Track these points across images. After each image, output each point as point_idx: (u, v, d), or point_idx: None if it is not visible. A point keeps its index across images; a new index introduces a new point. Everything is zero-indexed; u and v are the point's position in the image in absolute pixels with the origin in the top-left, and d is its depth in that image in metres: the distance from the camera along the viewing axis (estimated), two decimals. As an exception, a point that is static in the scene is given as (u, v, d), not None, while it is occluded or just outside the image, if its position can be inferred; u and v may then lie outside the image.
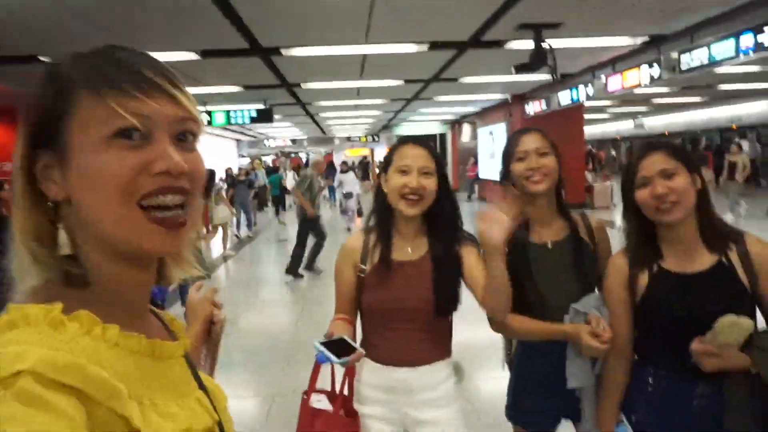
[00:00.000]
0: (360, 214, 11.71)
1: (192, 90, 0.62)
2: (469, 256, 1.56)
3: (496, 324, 1.62)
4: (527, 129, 1.72)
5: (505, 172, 1.70)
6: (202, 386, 0.67)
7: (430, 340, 1.58)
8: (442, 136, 20.75)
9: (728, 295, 1.29)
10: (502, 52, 6.90)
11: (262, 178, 16.12)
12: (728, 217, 8.84)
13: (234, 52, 6.39)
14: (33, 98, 0.56)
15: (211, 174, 10.83)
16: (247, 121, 10.65)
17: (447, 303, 1.55)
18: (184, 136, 0.59)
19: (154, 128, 0.56)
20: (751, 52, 5.61)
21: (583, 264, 1.64)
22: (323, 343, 1.33)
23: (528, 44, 6.13)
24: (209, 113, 10.56)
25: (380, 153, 24.67)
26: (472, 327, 1.94)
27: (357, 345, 1.38)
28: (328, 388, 1.56)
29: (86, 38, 5.19)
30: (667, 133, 22.24)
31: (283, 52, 6.50)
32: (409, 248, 1.59)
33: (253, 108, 10.62)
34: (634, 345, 1.46)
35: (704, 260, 1.36)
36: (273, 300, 6.42)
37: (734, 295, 1.29)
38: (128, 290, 0.60)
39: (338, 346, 1.34)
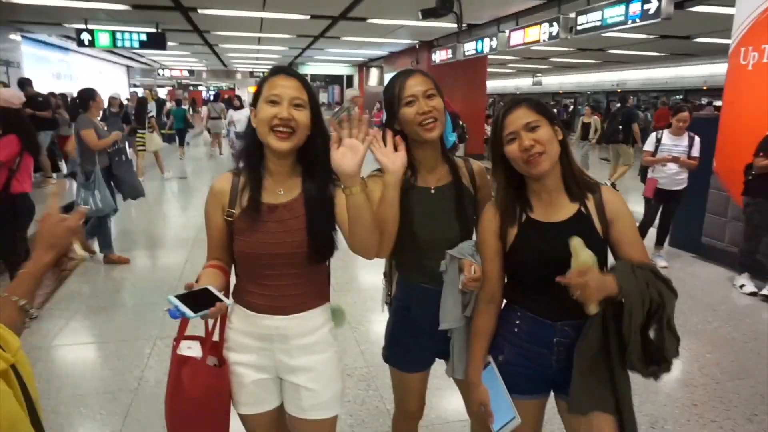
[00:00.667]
0: None
1: (70, 3, 0.54)
2: (340, 196, 1.48)
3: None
4: (410, 70, 1.64)
5: (391, 118, 1.63)
6: None
7: (305, 287, 1.52)
8: (349, 78, 20.37)
9: (585, 240, 1.40)
10: (411, -6, 6.78)
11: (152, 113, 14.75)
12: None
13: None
14: None
15: (142, 102, 9.80)
16: (136, 45, 9.73)
17: (322, 248, 1.48)
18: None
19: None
20: (637, 19, 5.99)
21: (463, 209, 1.66)
22: (181, 296, 1.23)
23: (436, -11, 6.06)
24: (91, 32, 9.50)
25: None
26: (362, 266, 1.94)
27: (221, 296, 1.29)
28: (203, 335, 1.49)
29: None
30: (561, 92, 23.54)
31: (176, -31, 5.91)
32: (281, 189, 1.49)
33: (143, 31, 9.68)
34: (504, 290, 1.55)
35: (567, 210, 1.45)
36: (166, 239, 6.10)
37: (591, 241, 1.39)
38: None
39: (200, 298, 1.25)
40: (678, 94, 18.94)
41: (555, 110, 19.03)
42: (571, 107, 24.17)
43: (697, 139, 4.89)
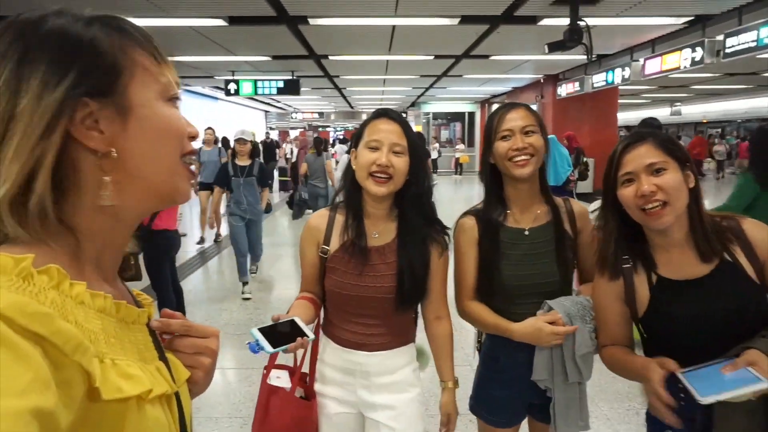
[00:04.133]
0: None
1: (221, 58, 0.64)
2: (434, 256, 1.50)
3: (459, 309, 1.60)
4: (513, 104, 1.57)
5: (486, 152, 1.56)
6: (163, 357, 0.65)
7: (390, 327, 1.50)
8: (471, 114, 20.40)
9: (739, 294, 1.19)
10: (535, 28, 6.66)
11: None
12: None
13: (261, 20, 6.30)
14: (89, 45, 0.56)
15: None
16: (274, 91, 10.60)
17: (410, 296, 1.47)
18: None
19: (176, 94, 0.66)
20: (803, 37, 5.30)
21: (563, 253, 1.53)
22: (266, 328, 1.23)
23: (563, 21, 5.88)
24: (237, 82, 10.55)
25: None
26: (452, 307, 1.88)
27: (307, 329, 1.28)
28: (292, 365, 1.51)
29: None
30: (705, 121, 21.46)
31: (311, 21, 6.39)
32: (376, 232, 1.49)
33: (280, 79, 10.56)
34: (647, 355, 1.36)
35: (705, 263, 1.23)
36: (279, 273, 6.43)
37: (746, 292, 1.18)
38: (110, 250, 0.62)
39: (283, 331, 1.25)
40: None
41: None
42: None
43: None
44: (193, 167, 0.67)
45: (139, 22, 0.62)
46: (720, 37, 6.31)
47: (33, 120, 0.52)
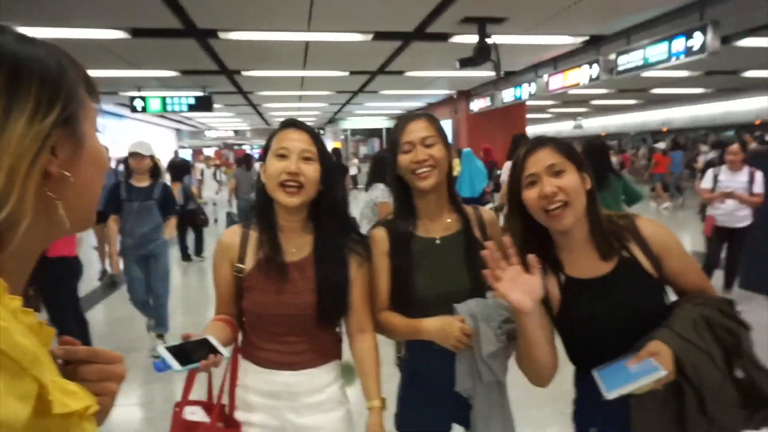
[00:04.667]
0: None
1: (125, 73, 0.56)
2: (354, 267, 1.46)
3: (375, 323, 1.55)
4: (413, 115, 1.57)
5: (392, 164, 1.55)
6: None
7: (314, 344, 1.45)
8: (389, 130, 20.74)
9: (639, 289, 1.24)
10: (447, 45, 6.87)
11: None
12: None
13: (167, 32, 6.02)
14: (63, 79, 0.59)
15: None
16: (185, 108, 10.17)
17: (332, 311, 1.42)
18: None
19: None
20: (682, 56, 5.82)
21: (473, 261, 1.52)
22: (174, 347, 1.14)
23: (472, 39, 6.11)
24: (143, 99, 10.03)
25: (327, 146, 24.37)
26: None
27: (221, 347, 1.20)
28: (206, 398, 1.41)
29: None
30: (604, 134, 23.16)
31: (221, 35, 6.19)
32: (294, 248, 1.44)
33: (191, 95, 10.16)
34: (573, 359, 1.38)
35: (606, 261, 1.28)
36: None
37: (645, 288, 1.24)
38: (29, 266, 0.62)
39: (193, 350, 1.16)
40: (728, 130, 18.30)
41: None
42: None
43: (758, 174, 4.63)
44: None
45: (29, 31, 0.60)
46: (612, 56, 6.82)
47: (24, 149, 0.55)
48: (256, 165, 11.38)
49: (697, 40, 5.58)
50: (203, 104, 10.22)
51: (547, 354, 1.25)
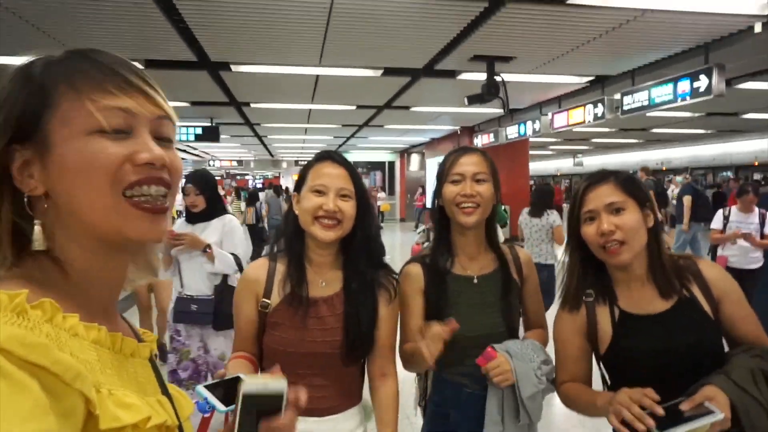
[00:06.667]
0: None
1: None
2: (382, 305, 1.41)
3: (403, 360, 1.52)
4: (468, 148, 1.54)
5: (436, 194, 1.53)
6: (166, 393, 0.67)
7: (339, 391, 1.39)
8: (391, 164, 20.87)
9: (697, 328, 1.22)
10: (454, 82, 6.97)
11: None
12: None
13: (181, 64, 6.13)
14: (7, 96, 0.57)
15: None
16: (192, 138, 10.26)
17: (359, 349, 1.38)
18: (161, 139, 0.61)
19: (135, 123, 0.59)
20: (688, 97, 5.91)
21: (509, 302, 1.50)
22: (210, 386, 1.10)
23: (480, 77, 6.22)
24: (151, 128, 10.09)
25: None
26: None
27: None
28: None
29: (22, 39, 4.83)
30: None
31: (233, 67, 6.30)
32: (323, 281, 1.40)
33: (199, 125, 10.26)
34: None
35: (665, 299, 1.27)
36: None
37: (704, 328, 1.22)
38: (101, 284, 0.62)
39: (231, 389, 1.13)
40: (727, 170, 18.46)
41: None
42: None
43: (770, 215, 4.64)
44: (148, 200, 0.59)
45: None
46: (617, 96, 6.92)
47: None
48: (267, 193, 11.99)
49: (702, 82, 5.68)
50: (210, 134, 10.31)
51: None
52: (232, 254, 2.94)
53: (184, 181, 3.51)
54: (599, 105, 7.30)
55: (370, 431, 1.50)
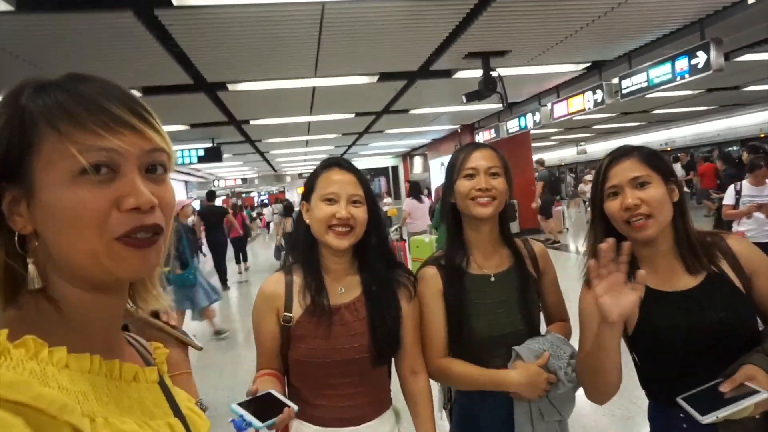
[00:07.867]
0: None
1: None
2: (404, 302, 1.41)
3: (433, 370, 1.47)
4: (479, 144, 1.53)
5: (447, 191, 1.51)
6: (179, 414, 0.66)
7: (371, 392, 1.38)
8: (394, 168, 20.87)
9: (730, 304, 1.19)
10: (450, 81, 6.97)
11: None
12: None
13: (178, 88, 6.16)
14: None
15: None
16: (195, 160, 10.30)
17: (386, 349, 1.37)
18: (154, 168, 0.60)
19: (122, 162, 0.56)
20: (686, 75, 5.86)
21: (528, 298, 1.47)
22: (243, 403, 1.10)
23: (476, 73, 6.21)
24: (154, 154, 10.15)
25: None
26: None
27: (287, 400, 1.16)
28: None
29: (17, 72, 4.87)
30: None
31: (230, 87, 6.33)
32: (342, 287, 1.39)
33: (200, 147, 10.30)
34: (647, 382, 1.32)
35: (693, 275, 1.24)
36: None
37: (736, 304, 1.19)
38: (98, 318, 0.61)
39: (263, 405, 1.11)
40: (733, 145, 18.29)
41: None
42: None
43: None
44: (136, 238, 0.57)
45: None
46: (615, 80, 6.88)
47: None
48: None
49: (700, 58, 5.63)
50: (213, 155, 10.34)
51: (616, 366, 1.18)
52: None
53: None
54: (598, 91, 7.26)
55: None
